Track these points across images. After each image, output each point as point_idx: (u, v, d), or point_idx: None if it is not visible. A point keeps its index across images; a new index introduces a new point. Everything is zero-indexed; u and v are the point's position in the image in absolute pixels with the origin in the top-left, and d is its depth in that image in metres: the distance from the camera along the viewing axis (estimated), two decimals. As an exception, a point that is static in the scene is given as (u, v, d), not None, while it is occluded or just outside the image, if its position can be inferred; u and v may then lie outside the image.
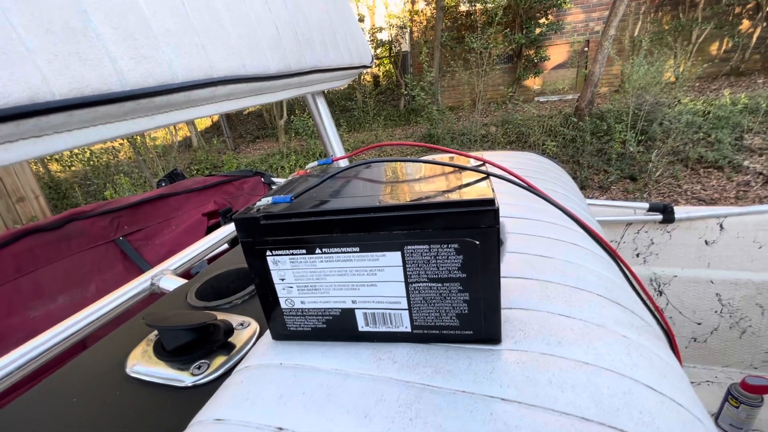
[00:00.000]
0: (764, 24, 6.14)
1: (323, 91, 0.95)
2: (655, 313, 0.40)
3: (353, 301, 0.35)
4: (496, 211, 0.29)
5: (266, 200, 0.35)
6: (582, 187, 4.38)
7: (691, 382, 1.42)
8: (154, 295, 0.80)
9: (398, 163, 0.45)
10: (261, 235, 0.34)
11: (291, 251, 0.34)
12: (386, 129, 7.32)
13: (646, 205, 1.44)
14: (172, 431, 0.39)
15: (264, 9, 0.56)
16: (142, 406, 0.44)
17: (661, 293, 1.48)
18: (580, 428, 0.26)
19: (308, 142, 6.65)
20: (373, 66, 9.17)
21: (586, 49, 7.25)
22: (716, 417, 1.28)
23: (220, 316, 0.56)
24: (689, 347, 1.49)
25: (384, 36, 8.50)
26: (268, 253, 0.35)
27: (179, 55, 0.40)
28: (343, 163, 0.46)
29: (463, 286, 0.32)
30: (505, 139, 5.60)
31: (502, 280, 0.43)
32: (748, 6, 6.18)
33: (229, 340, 0.52)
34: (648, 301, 0.41)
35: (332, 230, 0.32)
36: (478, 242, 0.30)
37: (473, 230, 0.30)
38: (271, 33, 0.56)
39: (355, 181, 0.39)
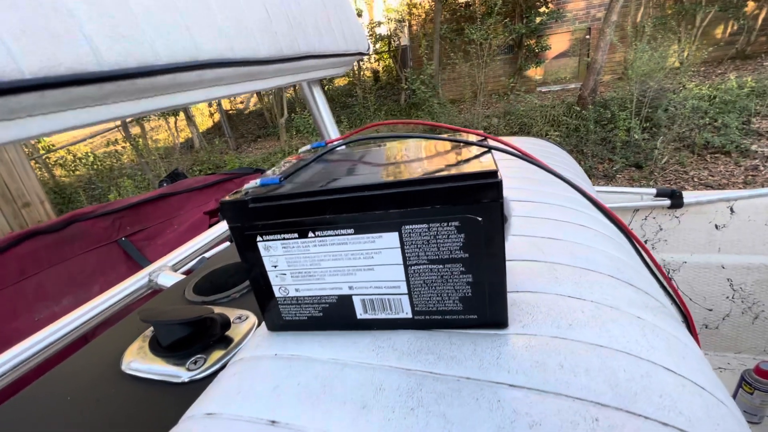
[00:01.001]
0: (770, 5, 6.01)
1: (320, 80, 0.92)
2: (671, 293, 0.38)
3: (350, 287, 0.33)
4: (499, 183, 0.27)
5: (254, 183, 0.33)
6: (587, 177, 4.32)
7: (704, 370, 1.40)
8: (154, 291, 0.79)
9: (396, 142, 0.43)
10: (250, 220, 0.32)
11: (282, 236, 0.32)
12: (387, 124, 7.28)
13: (654, 191, 1.40)
14: (167, 427, 0.38)
15: (252, -9, 0.53)
16: (138, 403, 0.42)
17: (671, 279, 1.45)
18: (596, 414, 0.24)
19: (310, 140, 6.63)
20: (372, 59, 9.08)
21: (587, 36, 7.14)
22: (730, 404, 1.25)
23: (218, 310, 0.55)
24: (701, 334, 1.46)
25: (383, 30, 8.43)
26: (259, 238, 0.33)
27: (161, 35, 0.39)
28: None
29: (466, 267, 0.30)
30: (507, 130, 5.54)
31: (508, 263, 0.41)
32: (753, -13, 6.05)
33: (227, 333, 0.50)
34: (664, 281, 0.39)
35: (324, 211, 0.30)
36: (480, 218, 0.28)
37: (474, 206, 0.28)
38: (261, 15, 0.54)
39: (350, 162, 0.37)
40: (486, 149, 0.33)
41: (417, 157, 0.36)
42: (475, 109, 6.01)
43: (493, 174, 0.27)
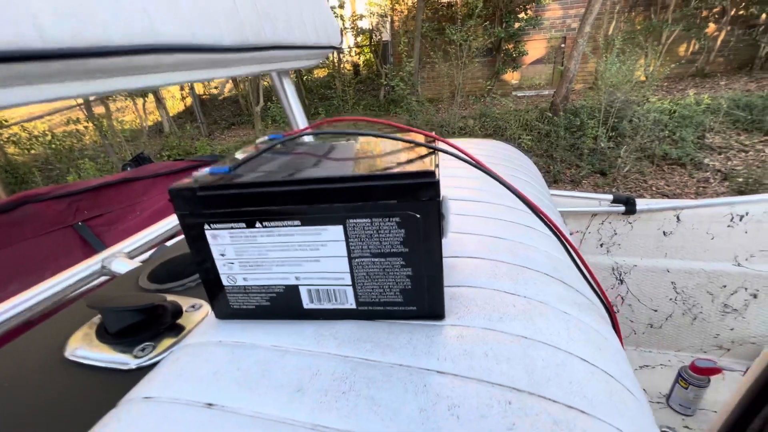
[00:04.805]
0: (728, 28, 6.41)
1: (288, 71, 0.92)
2: (598, 291, 0.41)
3: (297, 278, 0.34)
4: (436, 183, 0.28)
5: (204, 171, 0.34)
6: (555, 181, 4.49)
7: (647, 366, 1.50)
8: (108, 279, 0.76)
9: (349, 138, 0.44)
10: (198, 208, 0.32)
11: (230, 225, 0.33)
12: (365, 119, 7.26)
13: (611, 197, 1.49)
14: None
15: (218, -24, 0.53)
16: (81, 389, 0.42)
17: (622, 281, 1.55)
18: (511, 398, 0.26)
19: (285, 130, 6.52)
20: (353, 53, 8.97)
21: (562, 45, 7.38)
22: (667, 397, 1.35)
23: (172, 298, 0.54)
24: (646, 333, 1.56)
25: (365, 24, 8.38)
26: (207, 227, 0.33)
27: (115, 16, 0.38)
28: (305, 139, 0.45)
29: (406, 261, 0.32)
30: (482, 132, 5.66)
31: (454, 259, 0.43)
32: (714, 10, 6.43)
33: (178, 322, 0.50)
34: (591, 280, 0.42)
35: (271, 202, 0.31)
36: (419, 215, 0.29)
37: (414, 203, 0.29)
38: (227, 3, 0.54)
39: (302, 156, 0.38)
40: (432, 150, 0.35)
41: (369, 154, 0.37)
42: (453, 110, 6.09)
43: (431, 174, 0.28)
